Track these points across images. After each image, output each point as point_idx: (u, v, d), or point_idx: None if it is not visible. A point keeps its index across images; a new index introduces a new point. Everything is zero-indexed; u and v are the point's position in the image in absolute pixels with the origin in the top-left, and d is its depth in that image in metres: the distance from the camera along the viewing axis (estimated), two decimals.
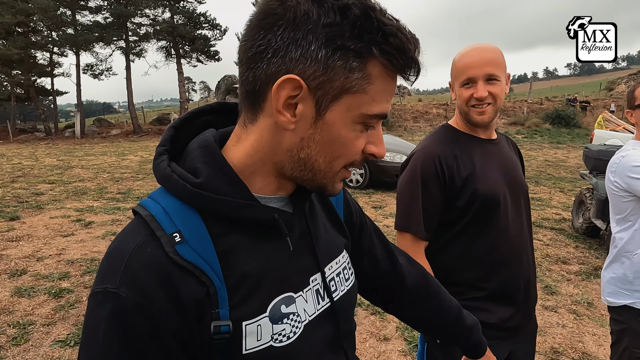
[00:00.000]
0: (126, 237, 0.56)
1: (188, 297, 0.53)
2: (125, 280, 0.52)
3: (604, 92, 35.85)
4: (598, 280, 4.27)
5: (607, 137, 11.60)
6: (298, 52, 0.52)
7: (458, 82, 1.28)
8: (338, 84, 0.54)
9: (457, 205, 1.29)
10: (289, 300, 0.62)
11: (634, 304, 1.65)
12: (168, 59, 25.63)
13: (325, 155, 0.58)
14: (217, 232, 0.57)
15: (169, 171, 0.58)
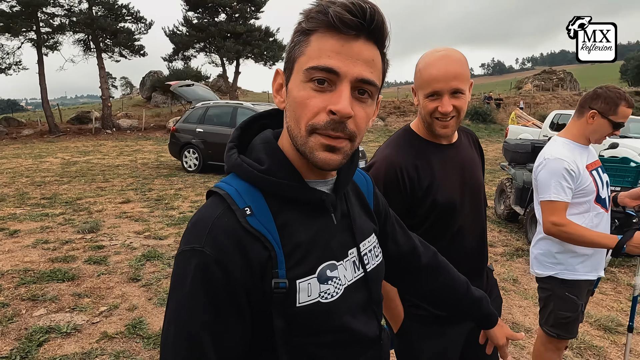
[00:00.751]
0: (208, 210, 0.70)
1: (255, 257, 0.67)
2: (208, 241, 0.66)
3: (514, 91, 39.35)
4: (520, 259, 4.82)
5: (520, 132, 12.88)
6: (285, 53, 0.74)
7: (423, 93, 1.27)
8: (291, 58, 0.71)
9: (417, 214, 1.33)
10: (333, 266, 0.76)
11: (557, 274, 1.96)
12: (87, 52, 23.81)
13: (293, 120, 0.70)
14: (276, 209, 0.72)
15: (239, 160, 0.74)
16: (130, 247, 4.85)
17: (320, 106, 0.66)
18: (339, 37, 0.66)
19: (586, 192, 1.88)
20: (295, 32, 0.71)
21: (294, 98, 0.69)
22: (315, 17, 0.67)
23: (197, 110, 10.58)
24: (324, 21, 0.66)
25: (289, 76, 0.71)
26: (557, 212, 1.85)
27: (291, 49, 0.71)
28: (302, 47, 0.68)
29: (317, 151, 0.68)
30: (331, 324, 0.74)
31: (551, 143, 2.00)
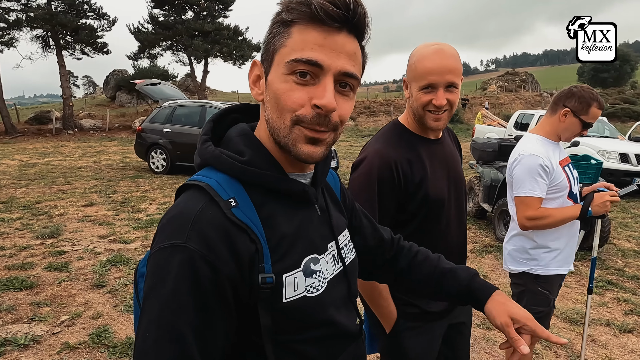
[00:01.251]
0: (187, 204, 0.66)
1: (243, 250, 0.65)
2: (192, 235, 0.62)
3: (479, 91, 40.52)
4: (489, 255, 4.93)
5: (486, 131, 13.24)
6: (262, 47, 0.73)
7: (417, 85, 1.26)
8: (271, 50, 0.69)
9: (408, 209, 1.32)
10: (315, 260, 0.75)
11: (531, 270, 1.99)
12: (46, 50, 22.73)
13: (274, 112, 0.69)
14: (258, 201, 0.70)
15: (217, 152, 0.71)
16: (94, 252, 4.64)
17: (304, 98, 0.66)
18: (322, 29, 0.65)
19: (560, 187, 1.91)
20: (274, 23, 0.68)
21: (275, 90, 0.67)
22: (296, 8, 0.65)
23: (164, 110, 10.29)
24: (306, 12, 0.64)
25: (268, 68, 0.69)
26: (532, 207, 1.87)
27: (270, 40, 0.69)
28: (282, 39, 0.67)
29: (299, 143, 0.68)
30: (318, 318, 0.73)
31: (525, 139, 2.02)
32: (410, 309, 1.37)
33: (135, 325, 0.73)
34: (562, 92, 1.98)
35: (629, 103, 31.61)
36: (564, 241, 1.97)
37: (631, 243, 5.58)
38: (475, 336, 3.17)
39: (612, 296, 3.95)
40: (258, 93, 0.73)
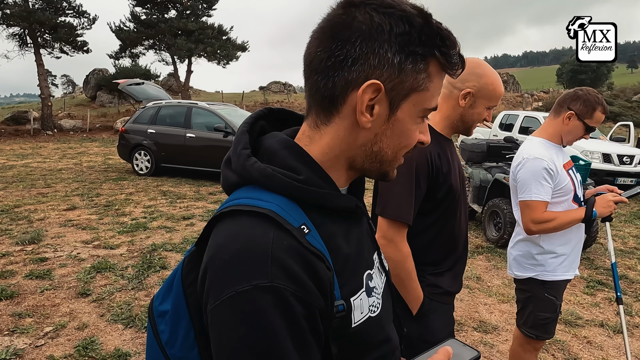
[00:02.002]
0: (253, 235, 0.57)
1: (325, 280, 0.58)
2: (277, 272, 0.54)
3: None
4: (481, 257, 4.93)
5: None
6: (376, 60, 0.59)
7: (486, 103, 1.47)
8: (408, 85, 0.62)
9: (435, 197, 1.44)
10: (370, 276, 0.71)
11: (537, 276, 1.96)
12: (23, 48, 22.04)
13: (393, 147, 0.66)
14: (317, 222, 0.63)
15: (270, 170, 0.62)
16: (78, 259, 4.47)
17: (418, 136, 0.68)
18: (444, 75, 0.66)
19: (565, 191, 1.88)
20: (415, 52, 0.60)
21: (404, 130, 0.66)
22: (452, 57, 0.62)
23: (148, 110, 10.05)
24: (454, 65, 0.64)
25: (398, 102, 0.63)
26: (538, 211, 1.84)
27: (405, 70, 0.60)
28: (425, 80, 0.62)
29: (394, 171, 0.71)
30: (379, 337, 0.70)
31: (528, 143, 1.99)
32: (436, 289, 1.48)
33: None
34: (567, 95, 1.95)
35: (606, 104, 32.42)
36: (571, 246, 1.95)
37: (617, 242, 5.66)
38: (473, 340, 3.15)
39: (603, 296, 3.99)
40: (369, 120, 0.62)
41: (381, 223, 1.41)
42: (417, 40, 0.59)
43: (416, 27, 0.59)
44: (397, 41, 0.59)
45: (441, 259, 1.51)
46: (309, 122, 0.68)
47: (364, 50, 0.59)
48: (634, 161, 8.67)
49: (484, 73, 1.45)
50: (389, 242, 1.38)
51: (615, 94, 38.25)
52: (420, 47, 0.60)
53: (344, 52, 0.59)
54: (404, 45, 0.59)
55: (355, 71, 0.60)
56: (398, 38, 0.59)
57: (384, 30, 0.59)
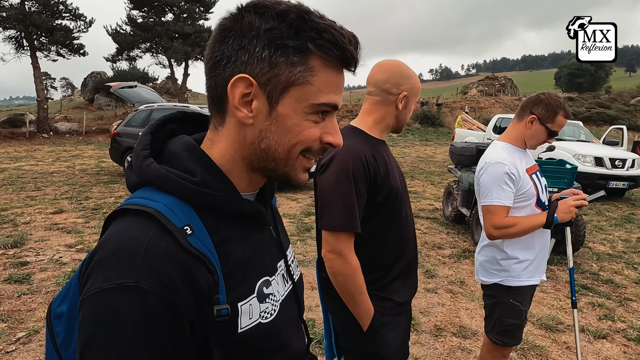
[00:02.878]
0: (132, 234, 0.58)
1: (203, 284, 0.59)
2: (144, 273, 0.54)
3: (459, 95, 41.06)
4: (466, 261, 4.90)
5: (466, 135, 13.36)
6: (246, 56, 0.61)
7: (414, 101, 1.49)
8: (284, 78, 0.62)
9: (376, 200, 1.40)
10: (267, 283, 0.71)
11: (502, 282, 1.93)
12: (19, 51, 22.04)
13: (282, 145, 0.65)
14: (211, 225, 0.63)
15: (164, 171, 0.63)
16: (59, 263, 4.43)
17: (317, 135, 0.66)
18: (340, 71, 0.66)
19: (527, 196, 1.86)
20: (285, 45, 0.61)
21: (290, 126, 0.64)
22: (329, 48, 0.61)
23: (141, 113, 10.04)
24: (337, 56, 0.63)
25: (277, 97, 0.63)
26: (499, 215, 1.82)
27: (277, 63, 0.61)
28: (303, 72, 0.62)
29: (300, 173, 0.69)
30: (271, 344, 0.70)
31: (492, 147, 1.97)
32: (386, 303, 1.43)
33: None
34: (529, 99, 1.93)
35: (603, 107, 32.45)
36: (534, 251, 1.92)
37: (606, 246, 5.64)
38: (451, 345, 3.11)
39: (587, 301, 3.95)
40: (248, 116, 0.64)
41: (327, 237, 1.34)
42: (286, 34, 0.61)
43: (287, 22, 0.60)
44: (266, 36, 0.61)
45: (390, 266, 1.46)
46: (210, 125, 0.70)
47: (235, 48, 0.62)
48: (627, 165, 8.65)
49: (411, 74, 1.47)
50: (337, 256, 1.32)
51: (613, 98, 38.36)
52: (291, 40, 0.61)
53: (220, 52, 0.63)
54: (273, 39, 0.61)
55: (229, 68, 0.62)
56: (267, 33, 0.61)
57: (253, 27, 0.61)
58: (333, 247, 1.32)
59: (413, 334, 3.22)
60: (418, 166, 12.95)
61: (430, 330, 3.28)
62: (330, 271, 1.35)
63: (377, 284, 1.43)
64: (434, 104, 30.60)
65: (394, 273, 1.47)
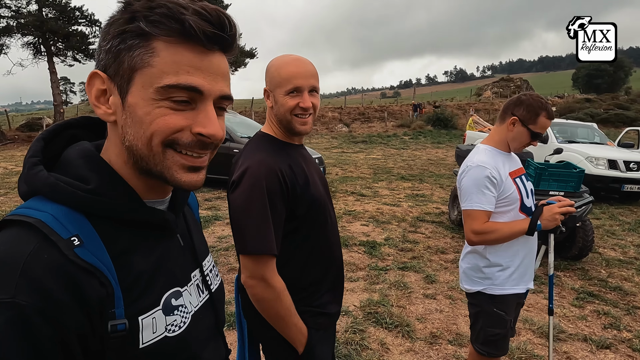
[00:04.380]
0: (11, 247, 0.54)
1: (93, 297, 0.55)
2: (22, 287, 0.51)
3: (474, 97, 40.59)
4: None
5: (477, 138, 13.13)
6: (100, 53, 0.61)
7: (282, 90, 1.27)
8: (126, 66, 0.59)
9: (297, 215, 1.29)
10: (177, 294, 0.68)
11: (486, 290, 1.86)
12: (37, 56, 22.61)
13: (139, 138, 0.60)
14: (108, 236, 0.60)
15: (53, 179, 0.60)
16: None
17: (181, 125, 0.60)
18: (197, 49, 0.59)
19: (509, 200, 1.79)
20: (123, 31, 0.58)
21: (141, 116, 0.59)
22: (162, 21, 0.57)
23: None
24: (176, 29, 0.57)
25: (125, 87, 0.59)
26: (479, 220, 1.75)
27: (120, 51, 0.59)
28: (143, 55, 0.58)
29: (178, 173, 0.62)
30: (180, 357, 0.67)
31: (474, 150, 1.91)
32: (320, 318, 1.36)
33: None
34: (510, 101, 1.86)
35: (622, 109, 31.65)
36: (519, 258, 1.84)
37: (617, 252, 5.46)
38: (446, 353, 3.03)
39: (592, 309, 3.82)
40: (107, 113, 0.62)
41: (245, 262, 1.23)
42: (122, 20, 0.58)
43: (129, 10, 0.58)
44: (109, 28, 0.59)
45: (320, 279, 1.37)
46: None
47: (96, 49, 0.63)
48: None
49: (272, 64, 1.30)
50: (259, 282, 1.21)
51: (632, 99, 37.39)
52: (126, 24, 0.58)
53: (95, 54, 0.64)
54: (114, 29, 0.59)
55: (94, 68, 0.63)
56: (110, 26, 0.59)
57: (106, 24, 0.60)
58: (253, 273, 1.21)
59: (407, 341, 3.15)
60: (428, 169, 12.80)
61: (425, 338, 3.20)
62: (253, 298, 1.24)
63: (308, 300, 1.34)
64: (431, 107, 29.52)
65: (325, 286, 1.38)
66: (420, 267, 4.64)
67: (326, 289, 1.38)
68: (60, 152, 0.67)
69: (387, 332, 3.26)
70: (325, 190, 1.42)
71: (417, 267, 4.65)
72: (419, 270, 4.56)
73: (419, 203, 7.89)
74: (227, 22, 0.60)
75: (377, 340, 3.12)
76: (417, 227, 6.32)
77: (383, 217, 6.77)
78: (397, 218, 6.76)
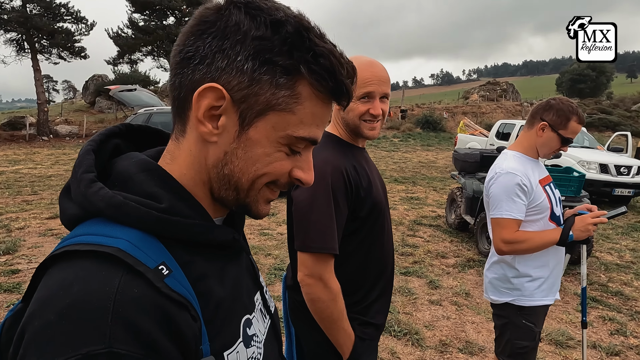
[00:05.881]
0: (89, 284, 0.43)
1: (189, 334, 0.47)
2: (119, 332, 0.41)
3: (461, 100, 40.98)
4: (471, 271, 4.76)
5: (468, 141, 13.24)
6: (225, 62, 0.51)
7: (355, 97, 1.24)
8: (263, 99, 0.52)
9: (359, 216, 1.27)
10: (249, 322, 0.61)
11: (514, 301, 1.80)
12: (20, 53, 22.01)
13: (247, 173, 0.55)
14: (184, 260, 0.52)
15: (120, 198, 0.50)
16: None
17: (287, 169, 0.57)
18: (330, 104, 0.56)
19: (540, 209, 1.73)
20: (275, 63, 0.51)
21: (259, 155, 0.54)
22: (323, 76, 0.52)
23: (139, 117, 9.94)
24: (329, 87, 0.53)
25: (250, 117, 0.53)
26: (509, 229, 1.69)
27: (261, 81, 0.51)
28: (288, 99, 0.52)
29: (261, 205, 0.59)
30: None
31: (502, 156, 1.85)
32: (368, 328, 1.33)
33: None
34: (539, 105, 1.81)
35: (605, 113, 32.29)
36: (549, 268, 1.79)
37: (613, 256, 5.50)
38: None
39: (597, 314, 3.81)
40: (212, 133, 0.53)
41: (304, 260, 1.20)
42: (278, 49, 0.50)
43: (281, 35, 0.50)
44: (253, 45, 0.50)
45: (371, 287, 1.34)
46: (172, 134, 0.59)
47: (212, 49, 0.51)
48: (632, 172, 8.52)
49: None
50: (317, 281, 1.18)
51: (614, 104, 38.21)
52: (282, 57, 0.51)
53: (194, 48, 0.52)
54: (260, 51, 0.50)
55: (200, 71, 0.51)
56: (255, 42, 0.50)
57: (240, 30, 0.50)
58: (312, 271, 1.18)
59: (417, 349, 3.09)
60: (420, 171, 12.82)
61: (436, 346, 3.14)
62: (308, 297, 1.21)
63: (357, 307, 1.30)
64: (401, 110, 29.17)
65: (375, 293, 1.34)
66: (423, 272, 4.59)
67: (375, 296, 1.34)
68: (105, 166, 0.58)
69: (396, 340, 3.19)
70: (385, 197, 1.39)
71: (419, 272, 4.59)
72: (422, 276, 4.51)
73: (415, 206, 7.86)
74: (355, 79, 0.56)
75: (387, 349, 3.05)
76: (416, 230, 6.29)
77: None
78: (395, 222, 6.71)
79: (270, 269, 4.49)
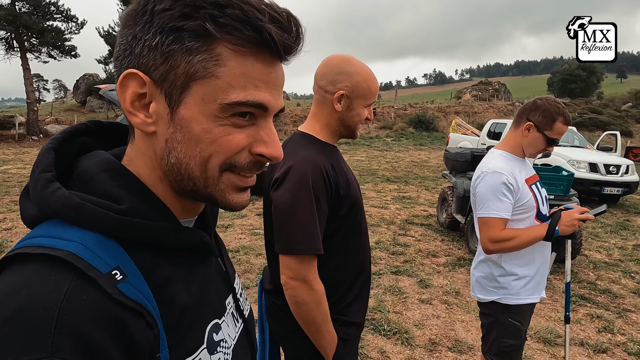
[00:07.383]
0: (36, 289, 0.41)
1: (143, 343, 0.45)
2: (63, 342, 0.39)
3: (454, 100, 41.20)
4: (462, 269, 4.78)
5: (460, 140, 13.31)
6: (139, 46, 0.49)
7: (364, 102, 1.29)
8: (181, 71, 0.49)
9: (339, 216, 1.27)
10: (217, 327, 0.59)
11: (500, 300, 1.81)
12: (9, 52, 21.74)
13: (194, 157, 0.51)
14: (146, 264, 0.50)
15: (77, 199, 0.48)
16: None
17: (243, 144, 0.52)
18: (266, 60, 0.51)
19: (526, 208, 1.74)
20: (179, 28, 0.47)
21: (199, 134, 0.50)
22: (235, 27, 0.47)
23: None
24: (251, 38, 0.48)
25: (176, 96, 0.50)
26: (496, 228, 1.70)
27: (172, 52, 0.48)
28: (206, 63, 0.48)
29: (230, 194, 0.54)
30: None
31: (489, 155, 1.85)
32: (349, 328, 1.32)
33: None
34: (526, 105, 1.81)
35: (595, 113, 32.64)
36: (534, 267, 1.80)
37: (602, 254, 5.55)
38: None
39: (585, 312, 3.84)
40: (146, 122, 0.51)
41: (288, 262, 1.18)
42: (179, 14, 0.47)
43: (184, 1, 0.47)
44: (158, 20, 0.48)
45: (350, 286, 1.33)
46: (130, 136, 0.57)
47: (128, 39, 0.50)
48: (621, 170, 8.61)
49: (355, 71, 1.27)
50: (301, 283, 1.16)
51: (604, 104, 38.64)
52: (186, 21, 0.47)
53: (120, 48, 0.51)
54: (165, 22, 0.48)
55: (125, 63, 0.50)
56: (159, 16, 0.48)
57: (147, 11, 0.48)
58: (296, 274, 1.16)
59: (407, 348, 3.09)
60: (412, 171, 12.86)
61: (425, 345, 3.15)
62: (293, 300, 1.19)
63: (337, 307, 1.29)
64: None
65: (354, 292, 1.34)
66: (414, 271, 4.60)
67: (354, 296, 1.34)
68: (70, 165, 0.55)
69: (385, 339, 3.19)
70: (359, 192, 1.39)
71: (410, 271, 4.60)
72: (412, 275, 4.52)
73: (407, 205, 7.88)
74: (300, 29, 0.51)
75: (377, 348, 3.05)
76: (407, 230, 6.30)
77: (372, 220, 6.72)
78: (386, 221, 6.72)
79: (261, 269, 4.48)
